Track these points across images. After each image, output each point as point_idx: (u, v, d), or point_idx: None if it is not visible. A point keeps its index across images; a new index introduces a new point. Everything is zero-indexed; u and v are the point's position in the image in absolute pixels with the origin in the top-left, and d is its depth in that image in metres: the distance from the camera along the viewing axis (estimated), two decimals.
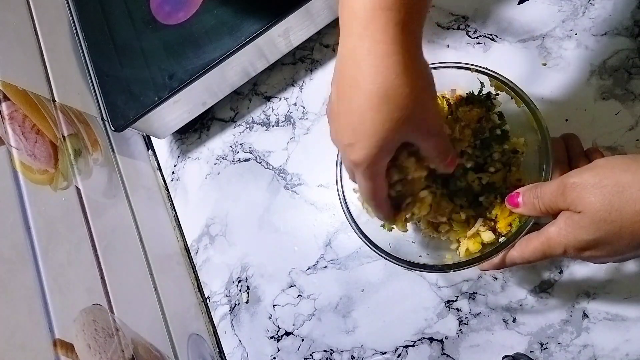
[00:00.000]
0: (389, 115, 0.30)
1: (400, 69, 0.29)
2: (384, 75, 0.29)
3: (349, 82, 0.31)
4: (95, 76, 0.58)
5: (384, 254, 0.42)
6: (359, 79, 0.30)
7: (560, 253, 0.34)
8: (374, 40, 0.29)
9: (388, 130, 0.31)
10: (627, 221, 0.30)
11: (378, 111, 0.30)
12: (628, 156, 0.32)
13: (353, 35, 0.30)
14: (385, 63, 0.29)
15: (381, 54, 0.29)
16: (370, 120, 0.30)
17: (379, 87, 0.29)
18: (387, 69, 0.29)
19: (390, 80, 0.29)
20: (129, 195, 0.61)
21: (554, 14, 0.51)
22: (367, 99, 0.30)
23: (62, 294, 0.44)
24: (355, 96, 0.30)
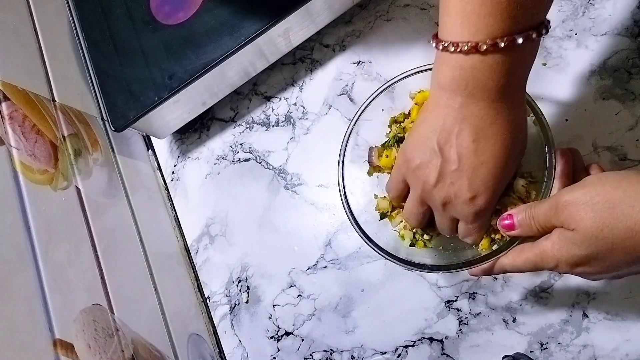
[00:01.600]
0: (509, 167, 0.35)
1: (522, 116, 0.35)
2: (512, 124, 0.34)
3: (476, 137, 0.34)
4: (95, 76, 0.58)
5: (384, 252, 0.42)
6: (492, 135, 0.33)
7: (552, 267, 0.34)
8: (504, 103, 0.33)
9: (510, 171, 0.36)
10: (618, 238, 0.30)
11: (508, 155, 0.34)
12: (618, 173, 0.32)
13: (481, 102, 0.33)
14: (512, 115, 0.34)
15: (510, 110, 0.33)
16: (497, 172, 0.35)
17: (509, 135, 0.34)
18: (514, 119, 0.34)
19: (514, 127, 0.34)
20: (129, 195, 0.61)
21: (554, 14, 0.51)
22: (499, 148, 0.34)
23: (62, 294, 0.44)
24: (486, 148, 0.34)
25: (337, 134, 0.47)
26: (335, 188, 0.46)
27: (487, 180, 0.35)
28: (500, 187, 0.36)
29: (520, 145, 0.36)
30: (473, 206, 0.36)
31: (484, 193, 0.35)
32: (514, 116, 0.34)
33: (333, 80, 0.60)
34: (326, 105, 0.60)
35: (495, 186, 0.35)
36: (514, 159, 0.35)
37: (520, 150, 0.36)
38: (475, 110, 0.33)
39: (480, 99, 0.32)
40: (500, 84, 0.32)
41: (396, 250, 0.42)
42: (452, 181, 0.35)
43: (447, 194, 0.36)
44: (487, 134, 0.33)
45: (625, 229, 0.29)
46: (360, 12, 0.60)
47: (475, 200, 0.35)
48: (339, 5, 0.56)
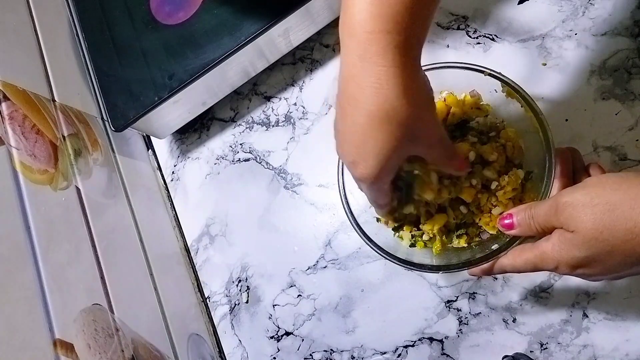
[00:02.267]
0: (391, 135, 0.31)
1: (400, 91, 0.30)
2: (384, 96, 0.30)
3: (350, 102, 0.31)
4: (95, 76, 0.58)
5: (384, 252, 0.42)
6: (360, 99, 0.31)
7: (552, 268, 0.34)
8: (373, 62, 0.30)
9: (390, 150, 0.32)
10: (618, 239, 0.30)
11: (380, 131, 0.31)
12: (618, 174, 0.32)
13: (353, 55, 0.30)
14: (385, 86, 0.30)
15: (381, 76, 0.30)
16: (373, 140, 0.31)
17: (380, 109, 0.30)
18: (387, 91, 0.30)
19: (390, 102, 0.30)
20: (129, 195, 0.61)
21: (554, 14, 0.51)
22: (368, 119, 0.31)
23: (62, 294, 0.44)
24: (357, 116, 0.31)
25: None
26: (335, 188, 0.46)
27: (360, 149, 0.32)
28: (380, 160, 0.32)
29: (399, 121, 0.31)
30: (355, 172, 0.34)
31: (361, 162, 0.33)
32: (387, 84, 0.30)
33: (333, 80, 0.60)
34: (326, 105, 0.60)
35: (372, 158, 0.32)
36: (391, 136, 0.31)
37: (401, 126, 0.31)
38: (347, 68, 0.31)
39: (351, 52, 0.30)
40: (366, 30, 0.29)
41: (396, 250, 0.42)
42: (339, 140, 0.34)
43: (337, 151, 0.35)
44: (355, 100, 0.31)
45: (625, 231, 0.29)
46: None
47: (355, 166, 0.33)
48: (339, 5, 0.56)
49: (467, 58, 0.53)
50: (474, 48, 0.53)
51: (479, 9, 0.54)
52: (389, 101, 0.30)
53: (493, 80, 0.42)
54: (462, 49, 0.54)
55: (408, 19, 0.29)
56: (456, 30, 0.55)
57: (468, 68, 0.42)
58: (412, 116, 0.31)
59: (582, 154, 0.47)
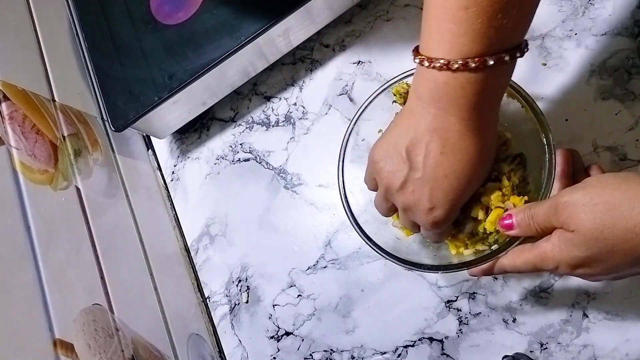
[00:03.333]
0: (472, 183, 0.36)
1: (491, 136, 0.35)
2: (480, 141, 0.34)
3: (448, 150, 0.34)
4: (95, 76, 0.58)
5: (384, 252, 0.42)
6: (463, 147, 0.34)
7: (552, 268, 0.34)
8: (475, 121, 0.33)
9: (467, 195, 0.37)
10: (618, 239, 0.30)
11: (473, 172, 0.35)
12: (618, 174, 0.32)
13: (452, 117, 0.33)
14: (484, 137, 0.34)
15: (480, 128, 0.34)
16: (459, 187, 0.35)
17: (477, 151, 0.34)
18: (485, 142, 0.35)
19: (483, 144, 0.35)
20: (129, 195, 0.61)
21: (554, 14, 0.51)
22: (468, 165, 0.34)
23: (62, 294, 0.44)
24: (457, 162, 0.34)
25: (337, 134, 0.47)
26: (335, 188, 0.46)
27: (447, 193, 0.35)
28: (459, 203, 0.36)
29: (485, 165, 0.36)
30: (431, 217, 0.36)
31: (442, 206, 0.36)
32: (483, 136, 0.34)
33: (333, 80, 0.60)
34: (326, 105, 0.60)
35: (454, 201, 0.36)
36: (477, 177, 0.36)
37: (485, 170, 0.37)
38: (446, 123, 0.33)
39: (452, 114, 0.33)
40: (471, 102, 0.32)
41: (396, 250, 0.42)
42: (413, 189, 0.36)
43: (407, 201, 0.37)
44: (455, 148, 0.34)
45: (625, 231, 0.29)
46: (360, 12, 0.60)
47: (433, 211, 0.36)
48: (339, 5, 0.56)
49: None
50: None
51: None
52: (485, 147, 0.35)
53: None
54: None
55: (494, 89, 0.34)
56: None
57: None
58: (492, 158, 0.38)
59: (582, 154, 0.47)
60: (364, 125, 0.47)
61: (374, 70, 0.58)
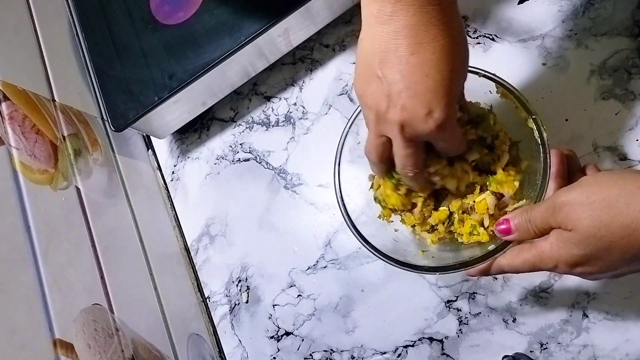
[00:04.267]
0: (456, 73, 0.33)
1: (456, 18, 0.33)
2: (446, 27, 0.32)
3: (417, 47, 0.32)
4: (95, 76, 0.58)
5: (380, 254, 0.42)
6: (431, 38, 0.31)
7: (550, 268, 0.34)
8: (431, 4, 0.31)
9: (458, 82, 0.34)
10: (616, 236, 0.30)
11: (451, 63, 0.32)
12: (614, 172, 0.33)
13: (409, 6, 0.31)
14: (451, 20, 0.32)
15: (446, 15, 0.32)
16: (445, 76, 0.32)
17: (448, 38, 0.32)
18: (454, 25, 0.32)
19: (452, 29, 0.32)
20: (129, 195, 0.61)
21: (554, 14, 0.51)
22: (442, 53, 0.32)
23: (62, 294, 0.44)
24: (429, 55, 0.32)
25: (337, 134, 0.47)
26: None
27: (436, 90, 0.32)
28: (453, 94, 0.34)
29: (461, 47, 0.33)
30: (432, 121, 0.33)
31: (437, 105, 0.33)
32: (448, 18, 0.32)
33: (333, 80, 0.60)
34: (326, 105, 0.60)
35: (446, 95, 0.33)
36: (459, 63, 0.33)
37: (464, 52, 0.34)
38: (406, 19, 0.31)
39: (409, 3, 0.31)
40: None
41: (394, 252, 0.42)
42: (402, 103, 0.33)
43: (400, 118, 0.34)
44: (424, 42, 0.31)
45: (622, 227, 0.29)
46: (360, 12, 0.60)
47: (432, 115, 0.33)
48: (339, 5, 0.56)
49: None
50: (474, 48, 0.53)
51: (478, 9, 0.54)
52: (454, 29, 0.32)
53: (488, 82, 0.42)
54: None
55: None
56: None
57: None
58: (464, 41, 0.34)
59: (582, 154, 0.47)
60: (363, 125, 0.47)
61: None
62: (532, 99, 0.42)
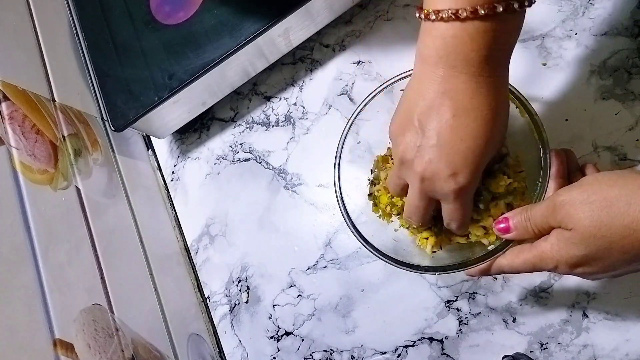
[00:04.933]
0: (493, 138, 0.34)
1: (505, 99, 0.34)
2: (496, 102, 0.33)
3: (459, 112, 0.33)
4: (95, 76, 0.58)
5: (380, 254, 0.42)
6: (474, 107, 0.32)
7: (551, 268, 0.34)
8: (487, 76, 0.32)
9: (487, 155, 0.34)
10: (616, 236, 0.30)
11: (486, 136, 0.33)
12: (614, 172, 0.32)
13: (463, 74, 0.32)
14: (497, 94, 0.33)
15: (493, 86, 0.33)
16: (478, 146, 0.33)
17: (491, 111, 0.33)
18: (499, 99, 0.33)
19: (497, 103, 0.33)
20: (129, 195, 0.61)
21: (554, 14, 0.51)
22: (482, 124, 0.33)
23: (62, 294, 0.44)
24: (470, 123, 0.33)
25: (337, 134, 0.47)
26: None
27: (466, 157, 0.33)
28: (481, 164, 0.34)
29: (501, 122, 0.34)
30: (454, 183, 0.34)
31: (463, 170, 0.34)
32: (496, 91, 0.33)
33: (333, 80, 0.60)
34: (326, 105, 0.60)
35: (475, 163, 0.34)
36: (495, 136, 0.34)
37: (503, 126, 0.35)
38: (456, 83, 0.32)
39: (462, 72, 0.32)
40: (482, 55, 0.31)
41: (393, 252, 0.42)
42: (430, 157, 0.34)
43: (424, 170, 0.35)
44: (468, 108, 0.32)
45: (622, 227, 0.29)
46: (360, 12, 0.60)
47: (455, 177, 0.34)
48: (339, 5, 0.56)
49: None
50: None
51: None
52: (499, 104, 0.33)
53: None
54: None
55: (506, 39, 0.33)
56: None
57: None
58: (506, 117, 0.35)
59: (582, 154, 0.47)
60: (364, 125, 0.47)
61: (374, 70, 0.58)
62: (532, 99, 0.42)
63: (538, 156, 0.39)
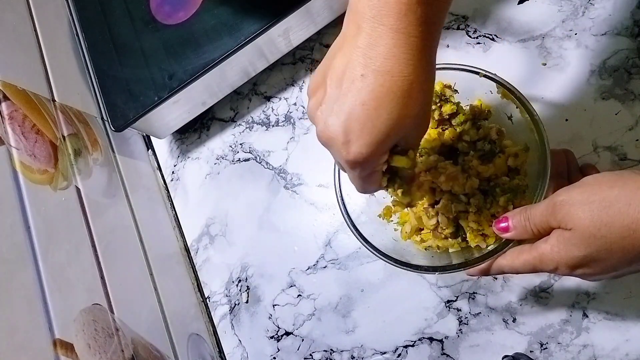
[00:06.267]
0: (401, 110, 0.28)
1: (424, 66, 0.28)
2: (409, 67, 0.28)
3: (363, 70, 0.28)
4: (95, 76, 0.58)
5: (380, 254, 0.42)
6: (380, 68, 0.28)
7: (551, 269, 0.34)
8: (407, 33, 0.27)
9: (394, 127, 0.29)
10: (616, 236, 0.30)
11: (391, 104, 0.28)
12: (614, 172, 0.32)
13: (382, 26, 0.27)
14: (414, 57, 0.28)
15: (411, 47, 0.27)
16: (379, 114, 0.28)
17: (400, 79, 0.28)
18: (414, 63, 0.28)
19: (416, 75, 0.28)
20: (129, 195, 0.61)
21: (554, 14, 0.51)
22: (384, 88, 0.28)
23: (62, 294, 0.44)
24: (370, 84, 0.28)
25: None
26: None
27: (364, 124, 0.28)
28: (381, 140, 0.29)
29: (418, 99, 0.29)
30: (347, 153, 0.30)
31: (359, 140, 0.29)
32: (416, 58, 0.28)
33: None
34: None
35: (373, 135, 0.29)
36: (405, 114, 0.29)
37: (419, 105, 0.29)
38: (373, 37, 0.28)
39: (382, 23, 0.27)
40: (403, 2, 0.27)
41: (393, 252, 0.42)
42: (327, 118, 0.30)
43: (321, 133, 0.31)
44: (378, 70, 0.28)
45: (622, 228, 0.29)
46: None
47: (349, 145, 0.29)
48: (339, 5, 0.56)
49: (467, 58, 0.53)
50: (474, 48, 0.53)
51: (478, 9, 0.54)
52: (417, 74, 0.28)
53: (489, 82, 0.42)
54: (462, 49, 0.54)
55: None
56: (456, 30, 0.55)
57: (463, 70, 0.42)
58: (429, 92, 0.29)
59: (582, 154, 0.47)
60: None
61: None
62: (532, 99, 0.42)
63: (538, 156, 0.39)
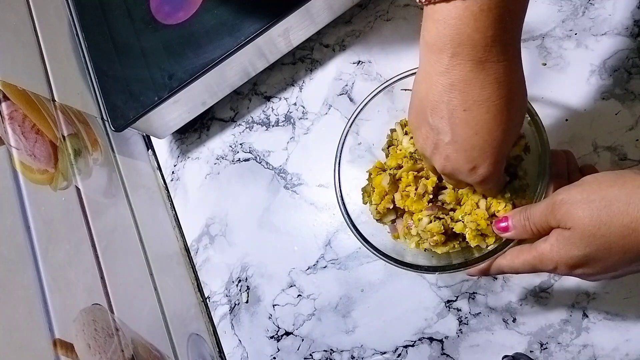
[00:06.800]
0: (510, 122, 0.32)
1: (519, 80, 0.32)
2: (507, 87, 0.31)
3: (468, 106, 0.32)
4: (95, 76, 0.58)
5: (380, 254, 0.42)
6: (483, 99, 0.31)
7: (551, 269, 0.34)
8: (495, 61, 0.30)
9: (509, 138, 0.34)
10: (616, 236, 0.30)
11: (502, 122, 0.32)
12: (614, 172, 0.32)
13: (469, 62, 0.30)
14: (507, 78, 0.31)
15: (504, 70, 0.31)
16: (494, 135, 0.32)
17: (505, 99, 0.31)
18: (511, 82, 0.31)
19: (515, 90, 0.32)
20: (129, 195, 0.61)
21: (554, 14, 0.51)
22: (494, 113, 0.31)
23: (62, 294, 0.44)
24: (480, 115, 0.32)
25: (337, 134, 0.47)
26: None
27: (484, 150, 0.33)
28: (501, 153, 0.34)
29: (518, 106, 0.33)
30: (476, 176, 0.35)
31: (483, 163, 0.34)
32: (508, 77, 0.31)
33: (333, 80, 0.60)
34: (326, 105, 0.60)
35: (495, 154, 0.33)
36: (512, 121, 0.33)
37: (519, 110, 0.34)
38: (463, 73, 0.30)
39: (467, 59, 0.30)
40: (488, 36, 0.29)
41: (393, 251, 0.42)
42: (447, 154, 0.34)
43: (443, 167, 0.35)
44: (479, 101, 0.31)
45: (622, 227, 0.29)
46: (360, 12, 0.60)
47: (476, 170, 0.34)
48: (339, 5, 0.56)
49: None
50: None
51: None
52: (512, 90, 0.31)
53: None
54: None
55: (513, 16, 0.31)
56: None
57: None
58: (523, 99, 0.33)
59: (582, 154, 0.47)
60: (364, 125, 0.47)
61: (374, 70, 0.58)
62: (532, 99, 0.42)
63: (538, 156, 0.39)
